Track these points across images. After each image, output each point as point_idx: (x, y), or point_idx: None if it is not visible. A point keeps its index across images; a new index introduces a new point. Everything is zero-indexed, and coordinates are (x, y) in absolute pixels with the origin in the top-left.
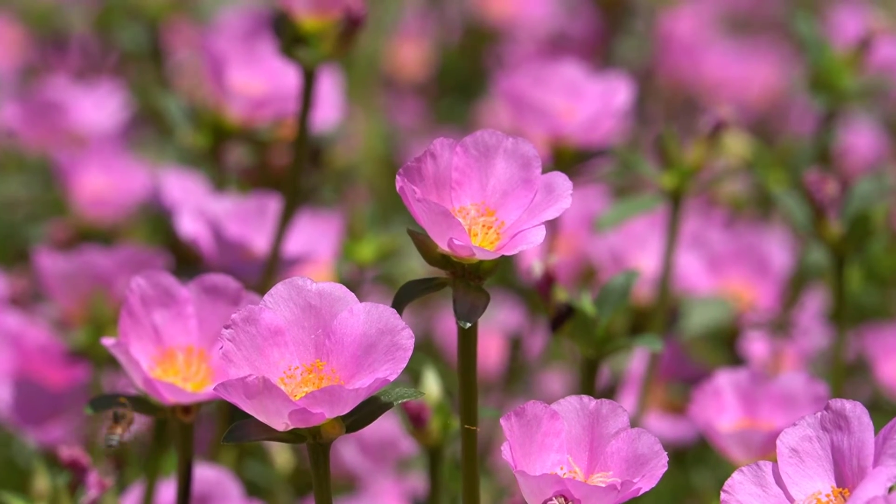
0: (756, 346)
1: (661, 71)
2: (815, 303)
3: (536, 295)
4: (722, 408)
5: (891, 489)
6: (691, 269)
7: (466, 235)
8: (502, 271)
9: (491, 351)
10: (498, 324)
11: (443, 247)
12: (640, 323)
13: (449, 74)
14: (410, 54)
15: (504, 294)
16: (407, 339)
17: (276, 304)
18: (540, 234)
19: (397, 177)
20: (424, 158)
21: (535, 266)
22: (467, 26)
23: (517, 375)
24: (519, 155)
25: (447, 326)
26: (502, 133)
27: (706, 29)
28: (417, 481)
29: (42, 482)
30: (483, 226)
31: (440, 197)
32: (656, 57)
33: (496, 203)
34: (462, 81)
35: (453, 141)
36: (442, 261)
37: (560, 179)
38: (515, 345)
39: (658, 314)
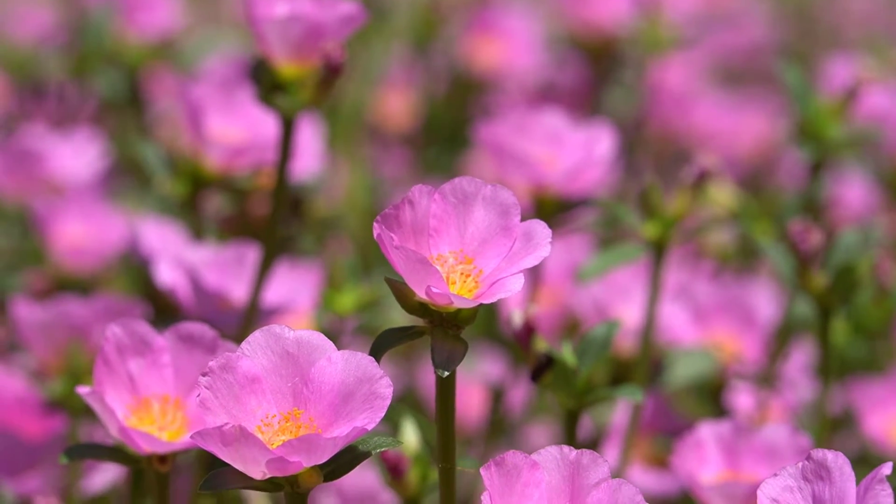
0: (742, 398)
1: (650, 122)
2: (801, 355)
3: (516, 345)
4: (704, 460)
5: None
6: (676, 321)
7: (444, 283)
8: (485, 322)
9: (473, 403)
10: (480, 375)
11: (420, 295)
12: (622, 374)
13: (435, 125)
14: (397, 104)
15: (487, 345)
16: (385, 388)
17: (254, 352)
18: (518, 282)
19: (375, 224)
20: (402, 206)
21: (514, 316)
22: (454, 76)
23: (499, 428)
24: (498, 202)
25: (429, 379)
26: (481, 181)
27: (697, 80)
28: None
29: None
30: (461, 273)
31: (418, 244)
32: (646, 107)
33: (474, 251)
34: (449, 132)
35: (431, 188)
36: (420, 309)
37: (539, 227)
38: (498, 397)
39: (641, 366)
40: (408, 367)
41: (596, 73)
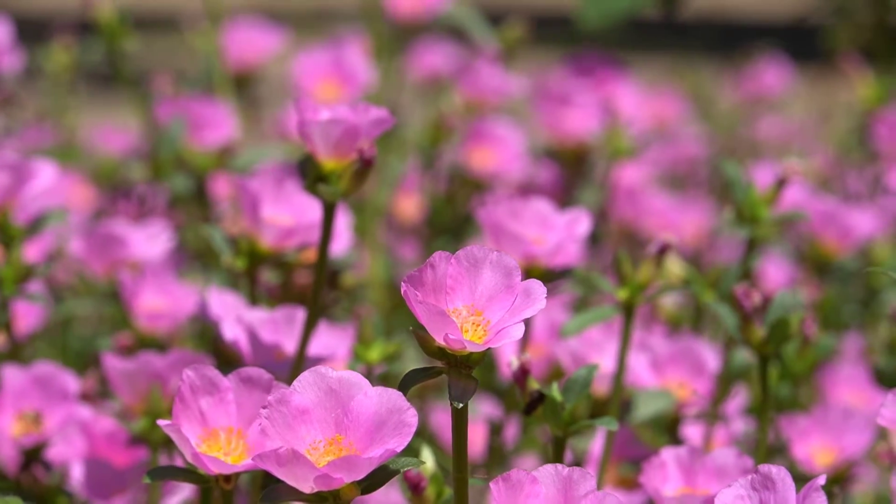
0: (692, 430)
1: (612, 213)
2: (738, 397)
3: (514, 384)
4: (666, 478)
5: None
6: (639, 369)
7: (459, 332)
8: (485, 376)
9: (477, 437)
10: (481, 415)
11: (439, 341)
12: (598, 411)
13: (439, 218)
14: (408, 201)
15: (486, 393)
16: (412, 418)
17: (304, 389)
18: (520, 330)
19: (402, 283)
20: (425, 268)
21: (513, 361)
22: (454, 177)
23: (497, 455)
24: (502, 266)
25: (439, 419)
26: (489, 248)
27: (648, 182)
28: None
29: None
30: (473, 323)
31: (437, 300)
32: (608, 202)
33: (483, 305)
34: (450, 223)
35: (449, 254)
36: (438, 353)
37: (536, 285)
38: (496, 430)
39: (613, 404)
40: (424, 408)
41: (568, 173)
